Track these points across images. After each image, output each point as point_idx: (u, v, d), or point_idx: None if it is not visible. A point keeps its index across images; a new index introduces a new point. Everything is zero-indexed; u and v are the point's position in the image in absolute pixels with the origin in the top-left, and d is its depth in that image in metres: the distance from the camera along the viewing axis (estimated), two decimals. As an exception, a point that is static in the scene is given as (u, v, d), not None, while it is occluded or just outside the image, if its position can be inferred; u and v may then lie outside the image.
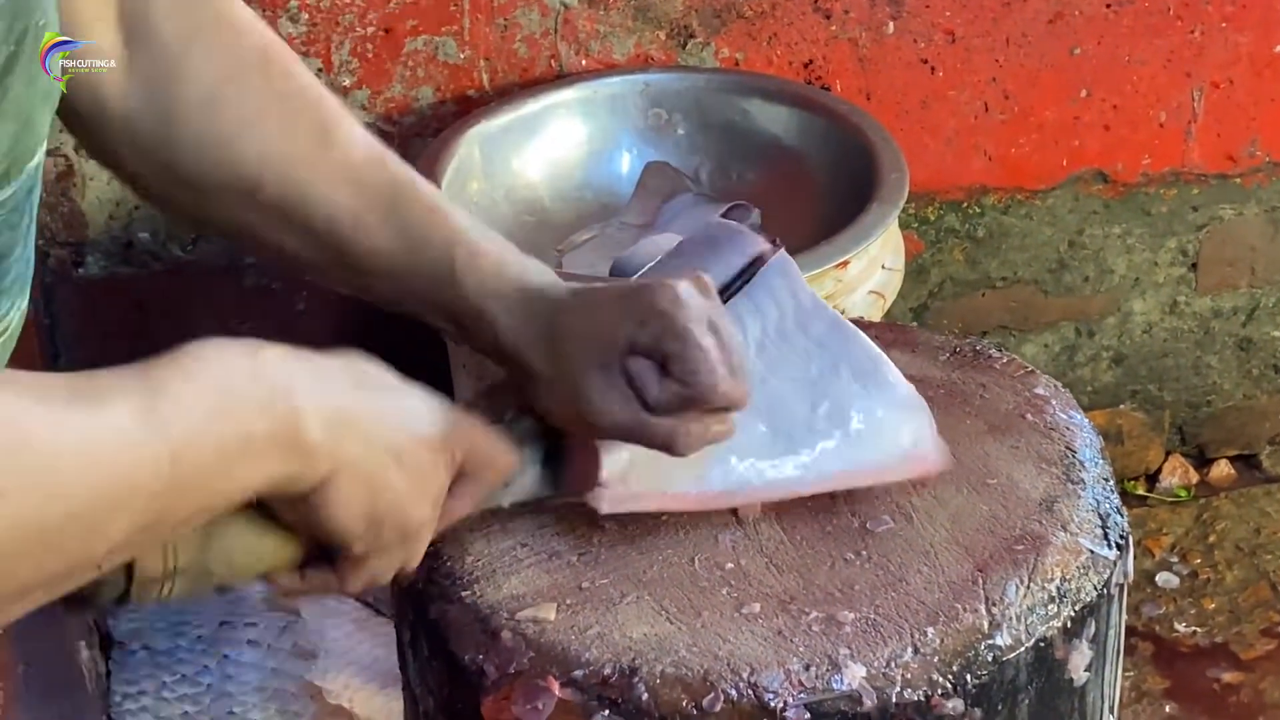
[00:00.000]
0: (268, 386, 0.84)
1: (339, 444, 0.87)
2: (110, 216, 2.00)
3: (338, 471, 0.88)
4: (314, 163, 1.07)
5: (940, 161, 2.16)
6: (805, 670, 1.01)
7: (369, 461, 0.89)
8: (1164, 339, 2.38)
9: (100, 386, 0.78)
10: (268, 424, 0.83)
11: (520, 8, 1.99)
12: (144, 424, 0.78)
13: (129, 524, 0.78)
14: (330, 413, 0.86)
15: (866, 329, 1.33)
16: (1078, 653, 1.07)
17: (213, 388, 0.81)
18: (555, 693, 1.01)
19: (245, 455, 0.83)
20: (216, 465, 0.81)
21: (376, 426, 0.90)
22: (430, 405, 0.95)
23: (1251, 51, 2.20)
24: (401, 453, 0.92)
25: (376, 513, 0.91)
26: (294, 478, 0.86)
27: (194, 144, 1.05)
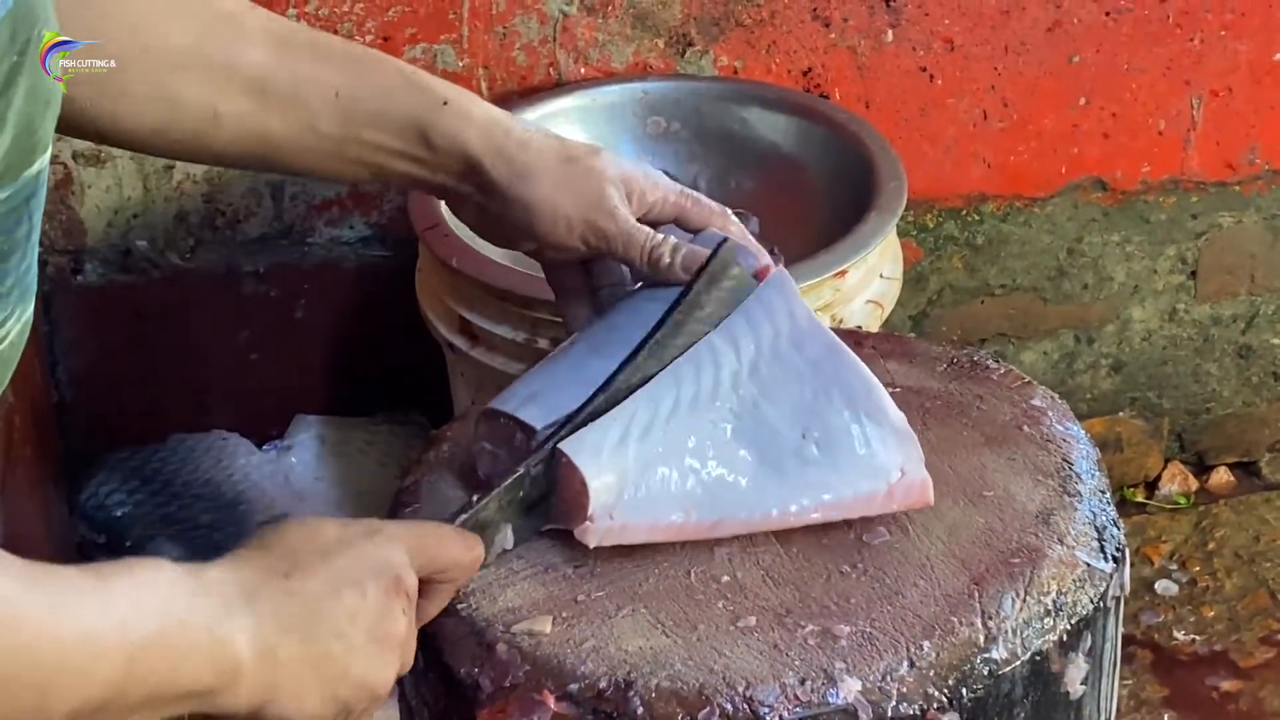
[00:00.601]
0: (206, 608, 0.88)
1: (272, 657, 0.90)
2: (109, 224, 2.00)
3: (277, 684, 0.90)
4: (228, 31, 1.11)
5: (939, 169, 2.16)
6: (801, 684, 1.01)
7: (312, 658, 0.92)
8: (1163, 346, 2.38)
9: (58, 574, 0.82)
10: (209, 639, 0.87)
11: (519, 16, 1.99)
12: (100, 609, 0.82)
13: (78, 702, 0.81)
14: (261, 630, 0.89)
15: (864, 339, 1.34)
16: (1074, 666, 1.07)
17: (162, 595, 0.86)
18: (551, 706, 1.01)
19: (191, 657, 0.86)
20: (165, 660, 0.85)
21: (314, 620, 0.92)
22: (372, 550, 0.96)
23: (1251, 59, 2.20)
24: (347, 630, 0.93)
25: (338, 694, 0.94)
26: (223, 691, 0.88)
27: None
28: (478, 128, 1.14)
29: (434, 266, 1.77)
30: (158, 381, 2.10)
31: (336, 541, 0.96)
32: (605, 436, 1.08)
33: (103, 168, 1.98)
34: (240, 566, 0.92)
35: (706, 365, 1.12)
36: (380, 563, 0.96)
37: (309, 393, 2.13)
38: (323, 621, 0.92)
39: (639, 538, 1.09)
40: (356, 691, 0.94)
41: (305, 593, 0.92)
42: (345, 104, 1.12)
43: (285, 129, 1.12)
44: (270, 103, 1.11)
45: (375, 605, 0.95)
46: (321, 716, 0.93)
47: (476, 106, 1.15)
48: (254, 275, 2.06)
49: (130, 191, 1.99)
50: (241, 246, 2.05)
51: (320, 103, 1.12)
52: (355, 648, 0.94)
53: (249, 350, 2.10)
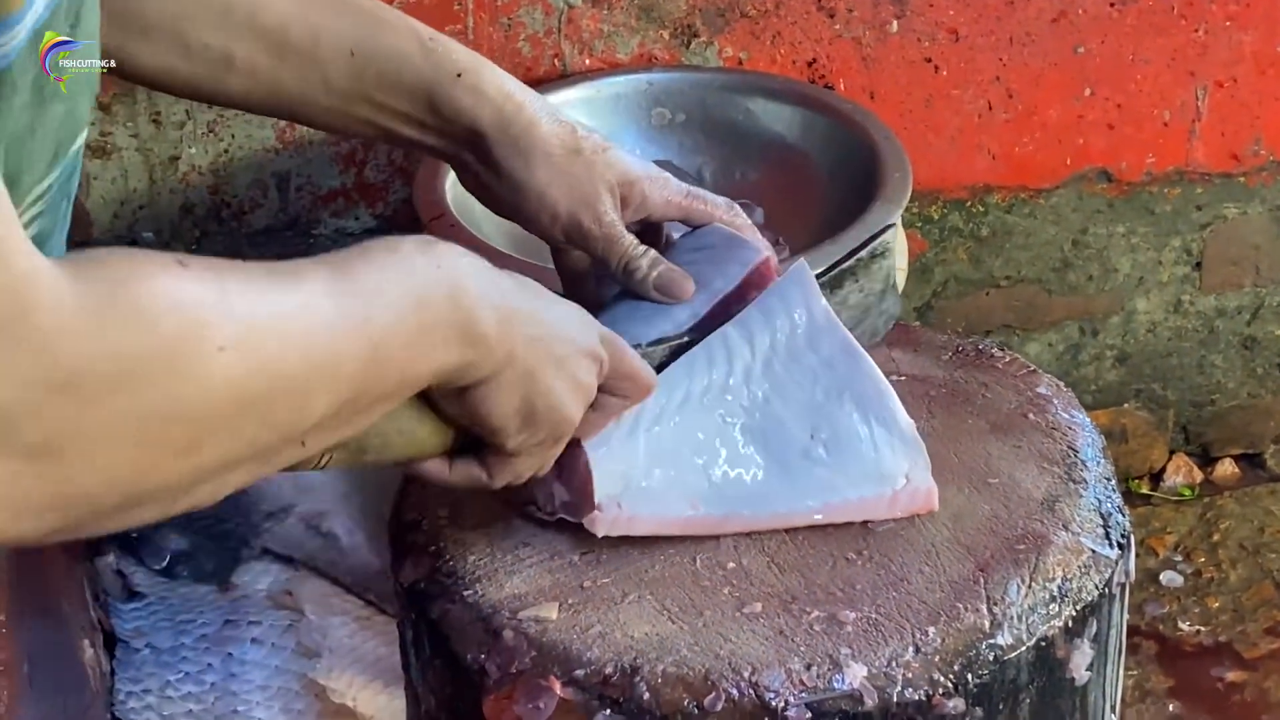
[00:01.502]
0: (449, 279, 0.88)
1: (510, 338, 0.92)
2: (115, 216, 2.01)
3: (504, 366, 0.92)
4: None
5: (944, 160, 2.16)
6: (806, 670, 1.01)
7: (531, 360, 0.94)
8: (1168, 338, 2.38)
9: (296, 270, 0.81)
10: (450, 314, 0.88)
11: (524, 7, 1.99)
12: (342, 308, 0.81)
13: (331, 400, 0.81)
14: (500, 309, 0.91)
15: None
16: (1079, 652, 1.07)
17: (404, 277, 0.85)
18: (557, 692, 1.01)
19: (431, 343, 0.87)
20: (407, 351, 0.86)
21: (539, 328, 0.95)
22: (582, 317, 1.00)
23: (1255, 50, 2.20)
24: (560, 355, 0.96)
25: (533, 410, 0.96)
26: (467, 367, 0.90)
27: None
28: (489, 103, 1.14)
29: (439, 257, 1.77)
30: (163, 373, 2.10)
31: (557, 298, 0.99)
32: (614, 426, 1.08)
33: (109, 159, 1.98)
34: (474, 255, 0.93)
35: (720, 358, 1.12)
36: (589, 328, 1.00)
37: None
38: (547, 333, 0.95)
39: (646, 529, 1.09)
40: (548, 412, 0.97)
41: (535, 309, 0.95)
42: (359, 63, 1.12)
43: (297, 82, 1.13)
44: (286, 55, 1.11)
45: (582, 354, 0.98)
46: (512, 419, 0.96)
47: (491, 79, 1.15)
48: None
49: (136, 183, 2.00)
50: (247, 238, 2.05)
51: (334, 59, 1.12)
52: (563, 374, 0.97)
53: (254, 341, 2.10)
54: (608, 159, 1.18)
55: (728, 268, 1.18)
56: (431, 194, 1.75)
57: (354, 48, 1.12)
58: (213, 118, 1.98)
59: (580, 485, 1.08)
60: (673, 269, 1.18)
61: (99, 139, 1.96)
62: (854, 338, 1.15)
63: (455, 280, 0.88)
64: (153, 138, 1.97)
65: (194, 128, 1.99)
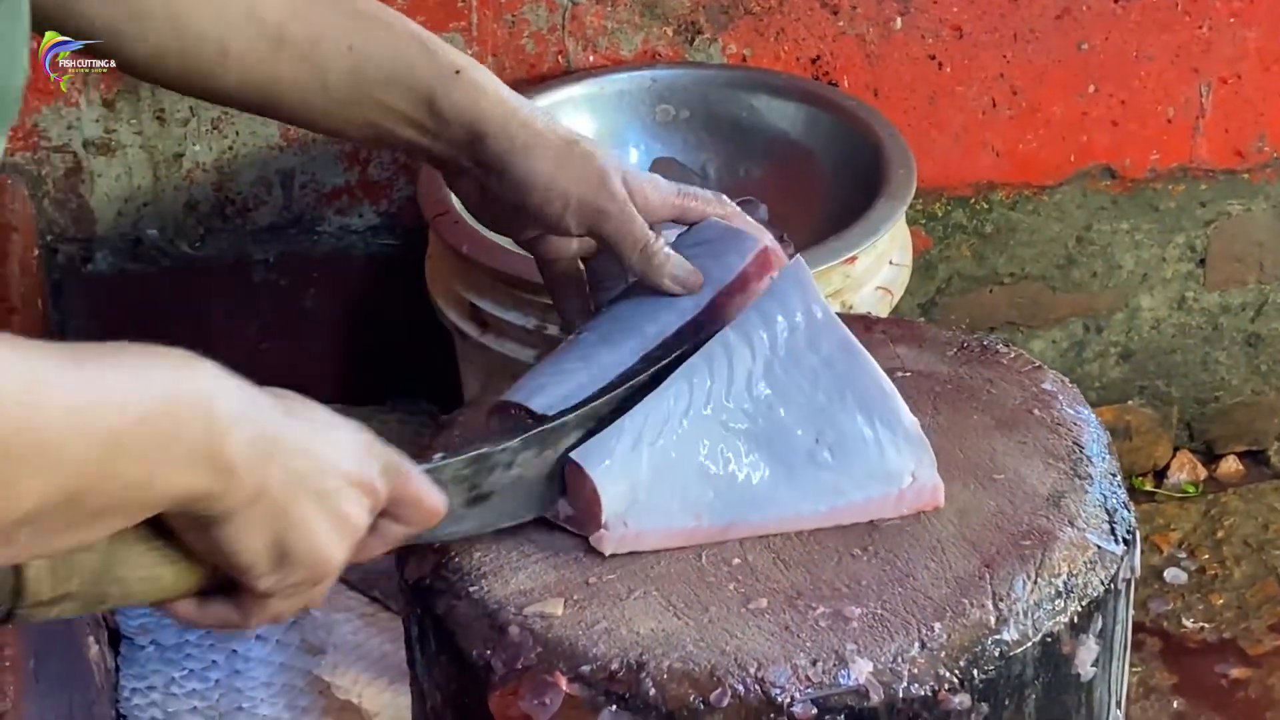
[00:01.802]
0: (204, 396, 0.82)
1: (262, 470, 0.85)
2: (119, 213, 2.01)
3: (254, 501, 0.85)
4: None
5: (948, 157, 2.16)
6: (812, 665, 1.01)
7: (287, 495, 0.87)
8: (1172, 335, 2.38)
9: (39, 344, 0.76)
10: (198, 433, 0.81)
11: (528, 4, 1.99)
12: (77, 391, 0.76)
13: (45, 488, 0.76)
14: (258, 438, 0.84)
15: (874, 324, 1.34)
16: (1084, 648, 1.07)
17: (154, 383, 0.80)
18: (563, 688, 1.01)
19: (171, 459, 0.81)
20: (143, 461, 0.80)
21: (300, 458, 0.87)
22: (359, 442, 0.92)
23: (1260, 47, 2.20)
24: (323, 489, 0.89)
25: (287, 550, 0.88)
26: (210, 497, 0.83)
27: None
28: (487, 99, 1.14)
29: (444, 253, 1.77)
30: (168, 370, 2.10)
31: (329, 417, 0.91)
32: (617, 442, 1.07)
33: (113, 157, 1.98)
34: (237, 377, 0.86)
35: (720, 364, 1.12)
36: (362, 454, 0.92)
37: (319, 381, 2.13)
38: (310, 466, 0.88)
39: (653, 544, 1.09)
40: (307, 553, 0.89)
41: (301, 431, 0.88)
42: (357, 62, 1.11)
43: (294, 80, 1.11)
44: (283, 51, 1.10)
45: (351, 488, 0.91)
46: (264, 557, 0.88)
47: (488, 79, 1.15)
48: (264, 264, 2.07)
49: (140, 180, 2.00)
50: (251, 235, 2.05)
51: (333, 59, 1.11)
52: (323, 511, 0.89)
53: (259, 339, 2.11)
54: (605, 151, 1.18)
55: (727, 259, 1.18)
56: (435, 191, 1.76)
57: (353, 44, 1.11)
58: (217, 115, 1.98)
59: (586, 505, 1.08)
60: (685, 263, 1.17)
61: (103, 136, 1.96)
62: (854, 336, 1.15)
63: (210, 398, 0.82)
64: (157, 135, 1.97)
65: (198, 125, 1.99)
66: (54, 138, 1.95)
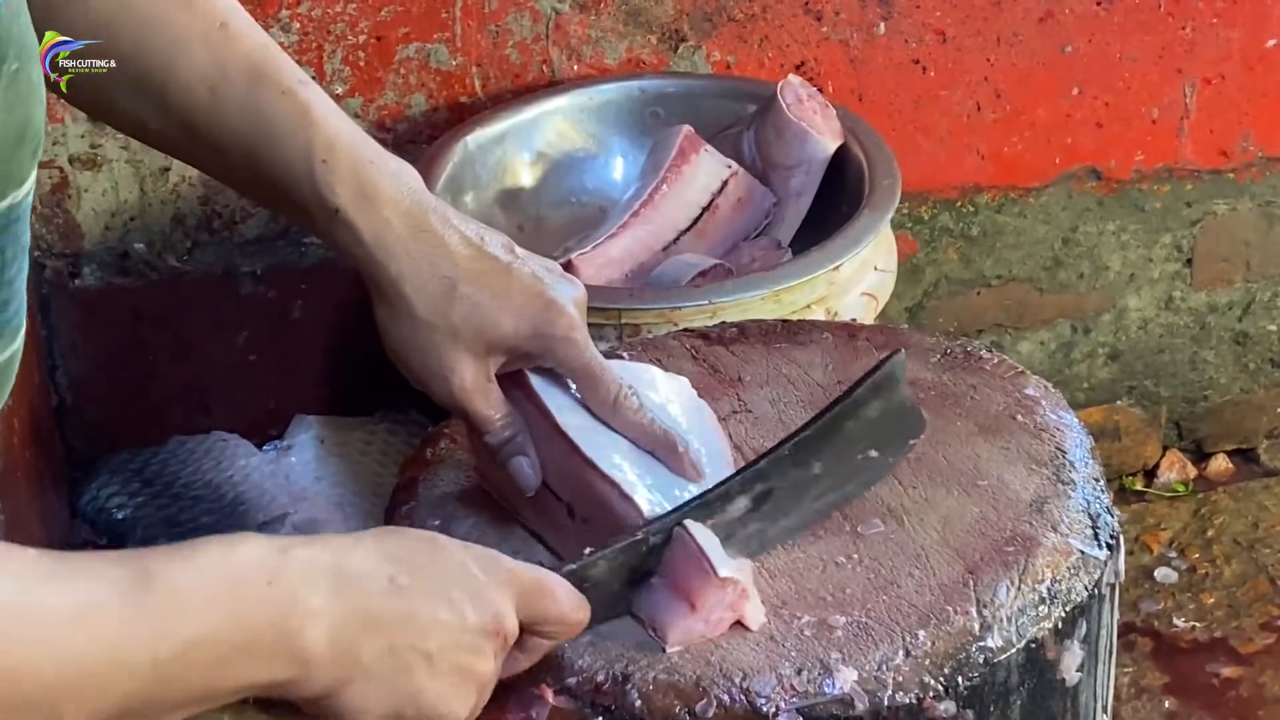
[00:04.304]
0: (284, 594, 0.83)
1: (350, 653, 0.86)
2: (106, 227, 2.01)
3: (349, 681, 0.86)
4: (171, 22, 1.03)
5: (933, 161, 2.17)
6: (797, 675, 1.01)
7: (390, 668, 0.88)
8: (1160, 335, 2.38)
9: (89, 565, 0.77)
10: (270, 635, 0.82)
11: (511, 13, 2.00)
12: (129, 620, 0.77)
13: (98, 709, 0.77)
14: (346, 621, 0.85)
15: (858, 332, 1.34)
16: (1069, 653, 1.08)
17: (220, 593, 0.81)
18: (549, 700, 1.02)
19: (242, 659, 0.82)
20: (204, 672, 0.81)
21: (404, 630, 0.88)
22: (477, 586, 0.92)
23: (1243, 47, 2.20)
24: (435, 653, 0.89)
25: (403, 714, 0.89)
26: (292, 683, 0.85)
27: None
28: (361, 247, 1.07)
29: (430, 265, 1.77)
30: (157, 383, 2.11)
31: (452, 561, 0.92)
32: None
33: (99, 171, 1.98)
34: (344, 549, 0.87)
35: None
36: (488, 596, 0.92)
37: (308, 393, 2.14)
38: (412, 633, 0.89)
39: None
40: (421, 717, 0.90)
41: (405, 599, 0.88)
42: (255, 170, 1.06)
43: (210, 164, 1.09)
44: (195, 139, 1.06)
45: (469, 637, 0.91)
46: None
47: (368, 220, 1.06)
48: (252, 276, 2.07)
49: (127, 194, 2.00)
50: (239, 248, 2.05)
51: (236, 160, 1.06)
52: (438, 673, 0.90)
53: (248, 351, 2.11)
54: (540, 273, 1.10)
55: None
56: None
57: (250, 153, 1.05)
58: (202, 129, 1.98)
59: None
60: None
61: (89, 151, 1.96)
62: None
63: (288, 598, 0.83)
64: (143, 149, 1.97)
65: (184, 139, 1.99)
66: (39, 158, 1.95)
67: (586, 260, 1.78)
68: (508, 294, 1.08)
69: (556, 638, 0.99)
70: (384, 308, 1.08)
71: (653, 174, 1.86)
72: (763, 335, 1.34)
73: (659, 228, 1.83)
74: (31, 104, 0.84)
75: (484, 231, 1.10)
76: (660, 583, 1.04)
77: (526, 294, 1.08)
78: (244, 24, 1.06)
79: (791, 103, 1.87)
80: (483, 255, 1.08)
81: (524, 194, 1.95)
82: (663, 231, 1.84)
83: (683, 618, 1.03)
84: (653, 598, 1.04)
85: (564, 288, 1.10)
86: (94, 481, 2.06)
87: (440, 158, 1.86)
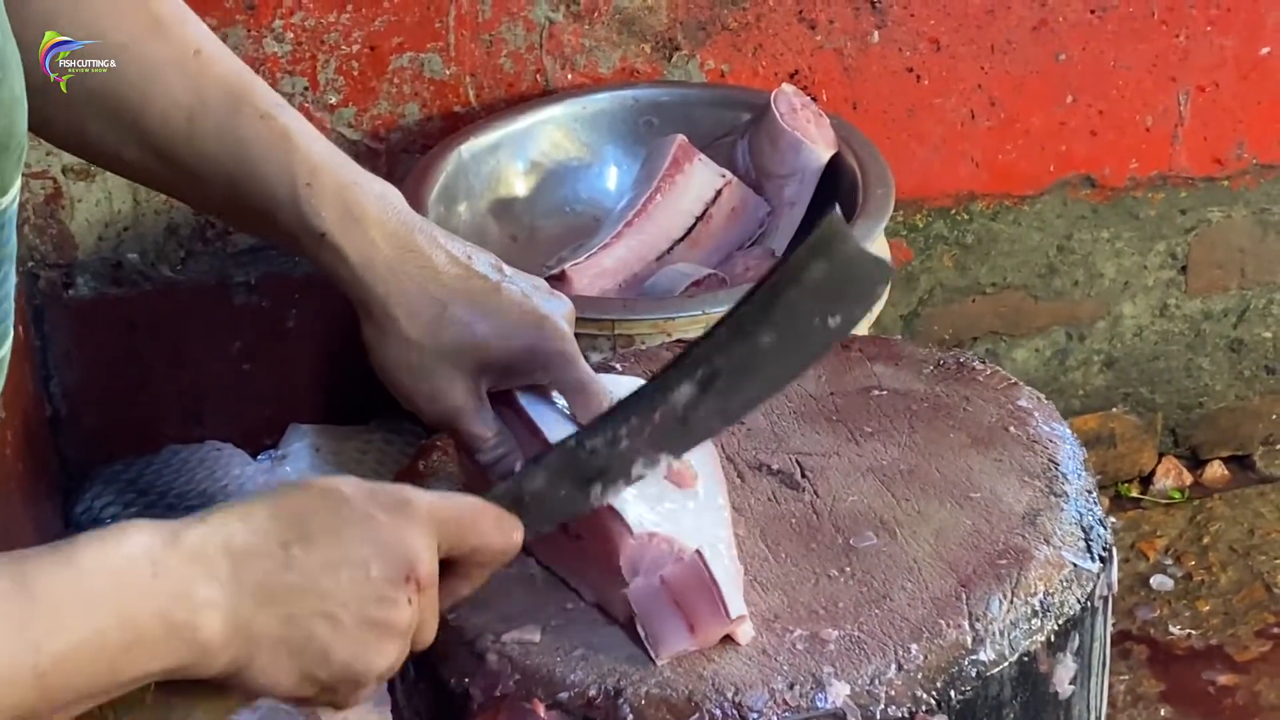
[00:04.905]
0: (170, 587, 0.83)
1: (248, 631, 0.86)
2: (99, 238, 2.01)
3: (252, 657, 0.87)
4: (144, 51, 1.02)
5: (928, 169, 2.17)
6: (789, 689, 1.01)
7: (293, 636, 0.88)
8: (1155, 342, 2.38)
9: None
10: (161, 626, 0.83)
11: (505, 23, 2.00)
12: (6, 628, 0.77)
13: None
14: (239, 602, 0.85)
15: (850, 342, 1.34)
16: (1062, 666, 1.08)
17: (101, 594, 0.81)
18: (541, 715, 1.01)
19: (133, 654, 0.82)
20: (91, 670, 0.81)
21: (303, 597, 0.88)
22: (391, 528, 0.92)
23: (1237, 54, 2.20)
24: (340, 611, 0.89)
25: (315, 676, 0.90)
26: (192, 667, 0.85)
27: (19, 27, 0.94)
28: (349, 271, 1.05)
29: (424, 275, 1.77)
30: (151, 393, 2.11)
31: (355, 513, 0.91)
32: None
33: (92, 182, 1.98)
34: (235, 522, 0.87)
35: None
36: (395, 544, 0.92)
37: (302, 402, 2.14)
38: (311, 599, 0.88)
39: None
40: (339, 675, 0.90)
41: (300, 567, 0.88)
42: (237, 198, 1.05)
43: (190, 194, 1.09)
44: (174, 169, 1.05)
45: (376, 590, 0.91)
46: (296, 692, 0.90)
47: (356, 243, 1.05)
48: (245, 286, 2.07)
49: (120, 205, 2.00)
50: (232, 258, 2.05)
51: (217, 189, 1.05)
52: (345, 631, 0.90)
53: (242, 361, 2.11)
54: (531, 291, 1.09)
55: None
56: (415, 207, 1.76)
57: (232, 179, 1.04)
58: (196, 138, 1.98)
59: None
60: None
61: (81, 162, 1.96)
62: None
63: (174, 590, 0.83)
64: (136, 159, 1.97)
65: (177, 149, 1.99)
66: (33, 164, 1.95)
67: (580, 270, 1.78)
68: (498, 313, 1.07)
69: (489, 564, 0.98)
70: (372, 329, 1.07)
71: (646, 183, 1.86)
72: (756, 346, 1.34)
73: (652, 237, 1.83)
74: (14, 114, 0.85)
75: (471, 250, 1.09)
76: (663, 592, 1.03)
77: (517, 312, 1.07)
78: (218, 50, 1.05)
79: (785, 112, 1.87)
80: (471, 274, 1.07)
81: (518, 203, 1.95)
82: (656, 241, 1.84)
83: (679, 638, 1.03)
84: (652, 603, 1.04)
85: (554, 304, 1.10)
86: (88, 491, 2.06)
87: (434, 167, 1.86)
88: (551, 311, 1.08)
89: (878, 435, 1.22)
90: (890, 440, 1.21)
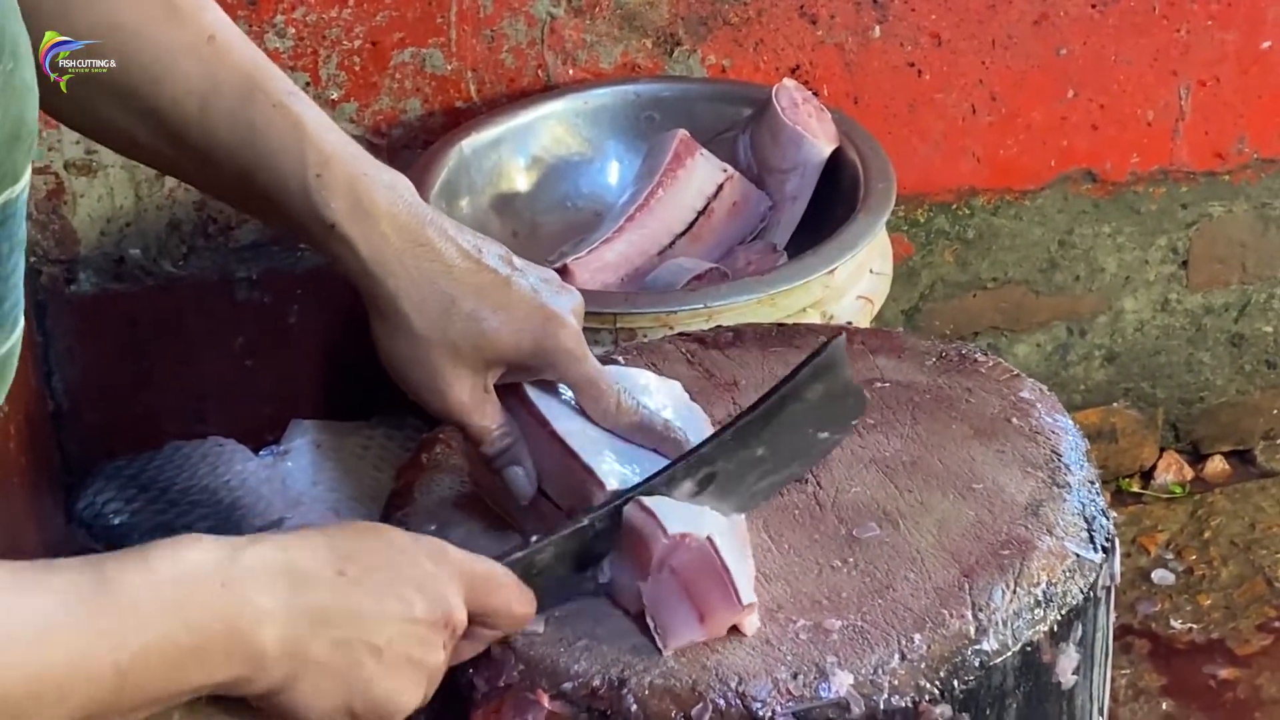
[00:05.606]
0: (235, 596, 0.85)
1: (301, 649, 0.88)
2: (101, 233, 2.01)
3: (300, 676, 0.88)
4: (158, 36, 1.02)
5: (929, 164, 2.17)
6: (793, 679, 1.01)
7: (340, 662, 0.89)
8: (1156, 336, 2.38)
9: (48, 574, 0.79)
10: (223, 637, 0.84)
11: (506, 18, 2.00)
12: (90, 627, 0.79)
13: (56, 718, 0.78)
14: (296, 618, 0.87)
15: (854, 335, 1.35)
16: (1065, 656, 1.08)
17: (173, 597, 0.83)
18: (545, 705, 1.02)
19: (197, 661, 0.84)
20: (162, 674, 0.83)
21: (354, 624, 0.90)
22: (426, 578, 0.94)
23: (1238, 49, 2.20)
24: (384, 646, 0.91)
25: (352, 706, 0.91)
26: (245, 681, 0.87)
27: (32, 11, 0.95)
28: (357, 261, 1.06)
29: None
30: (153, 389, 2.11)
31: (403, 555, 0.93)
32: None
33: (94, 177, 1.98)
34: (294, 546, 0.89)
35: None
36: (438, 589, 0.94)
37: (304, 398, 2.14)
38: (361, 628, 0.90)
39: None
40: (372, 707, 0.92)
41: (353, 596, 0.90)
42: (249, 186, 1.05)
43: (200, 179, 1.09)
44: (185, 152, 1.05)
45: (418, 630, 0.93)
46: (330, 717, 0.91)
47: (366, 235, 1.05)
48: (247, 282, 2.07)
49: (122, 200, 2.00)
50: (234, 253, 2.05)
51: (229, 174, 1.05)
52: (387, 665, 0.92)
53: (244, 356, 2.11)
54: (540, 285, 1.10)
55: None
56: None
57: (243, 167, 1.04)
58: (198, 134, 1.98)
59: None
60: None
61: (84, 157, 1.96)
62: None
63: (238, 600, 0.85)
64: (138, 155, 1.97)
65: (179, 144, 1.99)
66: (35, 159, 1.95)
67: (582, 265, 1.78)
68: (507, 308, 1.07)
69: (500, 630, 1.00)
70: (381, 322, 1.07)
71: (648, 178, 1.86)
72: (758, 339, 1.34)
73: (654, 232, 1.83)
74: (26, 103, 0.85)
75: (481, 243, 1.09)
76: (673, 581, 1.04)
77: (526, 308, 1.08)
78: (233, 37, 1.05)
79: (787, 106, 1.87)
80: (481, 268, 1.07)
81: (519, 199, 1.95)
82: (658, 236, 1.84)
83: (689, 628, 1.03)
84: (661, 594, 1.04)
85: (563, 299, 1.10)
86: (90, 487, 2.06)
87: (435, 163, 1.86)
88: (560, 308, 1.09)
89: (880, 427, 1.22)
90: (893, 432, 1.22)
